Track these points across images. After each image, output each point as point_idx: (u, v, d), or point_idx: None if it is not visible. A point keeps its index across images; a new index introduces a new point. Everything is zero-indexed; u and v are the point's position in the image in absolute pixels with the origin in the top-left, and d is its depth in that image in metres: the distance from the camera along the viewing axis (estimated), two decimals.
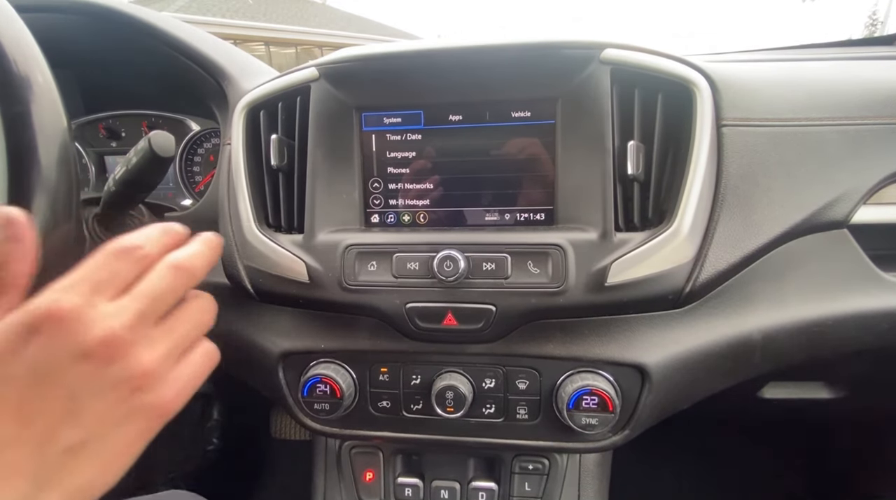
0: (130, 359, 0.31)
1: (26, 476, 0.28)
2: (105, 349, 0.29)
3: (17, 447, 0.28)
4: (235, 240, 0.57)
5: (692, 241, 0.49)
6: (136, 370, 0.31)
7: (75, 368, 0.29)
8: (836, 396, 0.68)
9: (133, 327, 0.31)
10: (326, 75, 0.54)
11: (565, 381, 0.52)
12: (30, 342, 0.28)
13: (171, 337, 0.33)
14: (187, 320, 0.35)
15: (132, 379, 0.31)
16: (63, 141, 0.43)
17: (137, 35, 0.67)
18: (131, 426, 0.32)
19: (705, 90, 0.50)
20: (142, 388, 0.31)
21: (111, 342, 0.30)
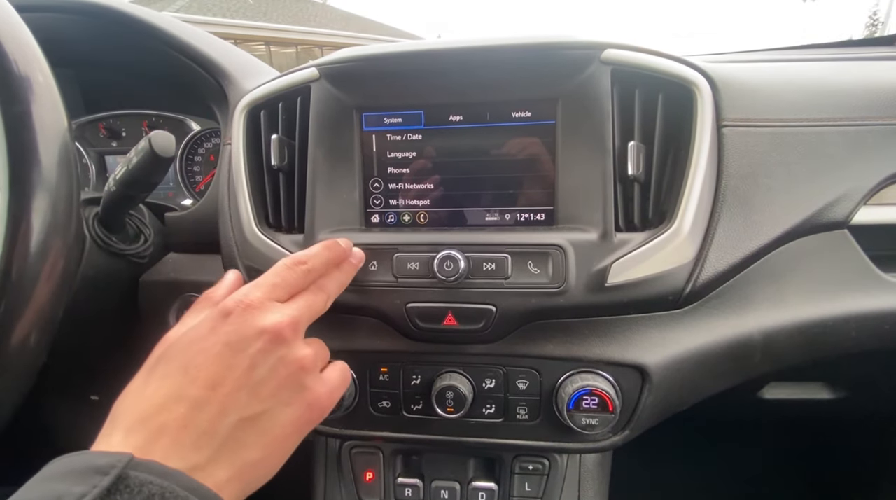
0: (297, 345, 0.38)
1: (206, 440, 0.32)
2: (275, 331, 0.37)
3: (205, 409, 0.33)
4: (236, 240, 0.57)
5: (692, 241, 0.49)
6: (301, 354, 0.38)
7: (255, 342, 0.36)
8: (836, 396, 0.68)
9: (298, 322, 0.39)
10: (327, 75, 0.54)
11: (565, 381, 0.52)
12: (224, 324, 0.36)
13: (318, 344, 0.43)
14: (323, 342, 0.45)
15: (299, 361, 0.38)
16: (64, 141, 0.43)
17: (138, 35, 0.67)
18: (295, 408, 0.37)
19: (706, 91, 0.50)
20: (306, 369, 0.38)
21: (280, 328, 0.37)
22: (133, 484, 0.27)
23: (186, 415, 0.32)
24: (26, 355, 0.37)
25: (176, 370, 0.34)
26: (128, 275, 0.66)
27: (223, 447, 0.33)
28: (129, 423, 0.32)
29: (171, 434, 0.31)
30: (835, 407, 0.70)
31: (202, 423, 0.33)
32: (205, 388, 0.34)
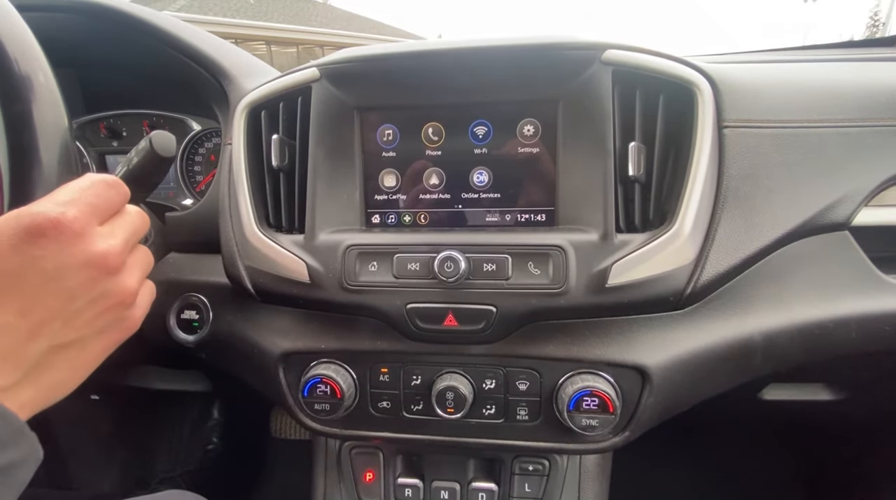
0: (122, 276, 0.36)
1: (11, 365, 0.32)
2: (105, 262, 0.34)
3: (10, 334, 0.31)
4: (236, 240, 0.57)
5: (693, 242, 0.49)
6: (126, 286, 0.37)
7: (80, 273, 0.33)
8: (836, 398, 0.68)
9: (123, 251, 0.36)
10: (328, 75, 0.54)
11: (566, 382, 0.52)
12: (35, 244, 0.32)
13: (140, 268, 0.40)
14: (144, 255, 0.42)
15: (121, 294, 0.36)
16: (64, 140, 0.43)
17: (138, 35, 0.67)
18: (107, 335, 0.37)
19: (707, 91, 0.49)
20: (125, 303, 0.37)
21: (110, 258, 0.35)
22: None
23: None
24: None
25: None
26: None
27: (31, 370, 0.33)
28: None
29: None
30: (835, 408, 0.70)
31: (9, 348, 0.31)
32: (12, 314, 0.31)
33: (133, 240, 0.39)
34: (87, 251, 0.34)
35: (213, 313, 0.63)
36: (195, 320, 0.64)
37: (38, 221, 0.32)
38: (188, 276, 0.66)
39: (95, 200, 0.36)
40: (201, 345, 0.63)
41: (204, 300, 0.64)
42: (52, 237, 0.32)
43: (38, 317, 0.32)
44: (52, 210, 0.33)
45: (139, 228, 0.40)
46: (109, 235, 0.36)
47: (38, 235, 0.32)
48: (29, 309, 0.32)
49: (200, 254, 0.68)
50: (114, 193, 0.38)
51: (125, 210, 0.40)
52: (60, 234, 0.32)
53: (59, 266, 0.33)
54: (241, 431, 1.32)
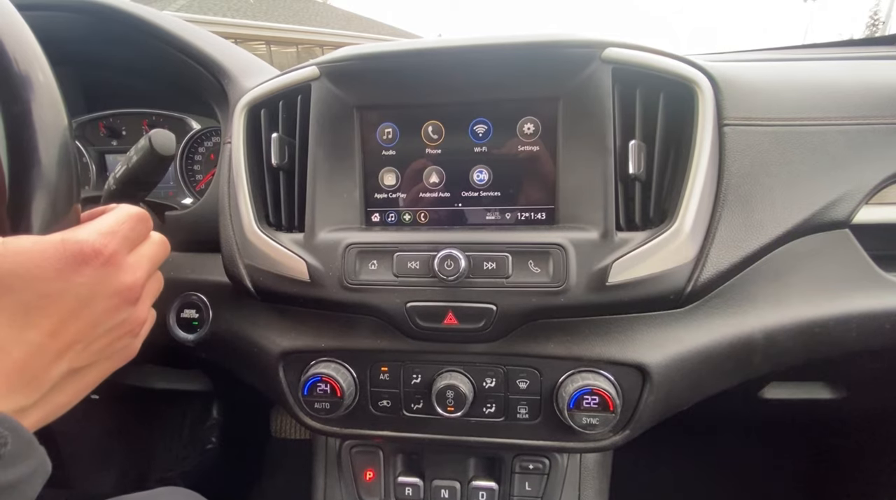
0: (139, 305, 0.38)
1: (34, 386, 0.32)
2: (129, 293, 0.36)
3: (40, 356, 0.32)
4: (236, 239, 0.57)
5: (693, 240, 0.49)
6: (139, 316, 0.38)
7: (108, 301, 0.35)
8: (837, 396, 0.68)
9: (145, 283, 0.38)
10: (327, 74, 0.54)
11: (566, 381, 0.52)
12: (76, 271, 0.33)
13: (151, 297, 0.42)
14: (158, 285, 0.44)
15: (134, 323, 0.38)
16: (64, 140, 0.43)
17: (138, 33, 0.67)
18: (111, 361, 0.38)
19: (707, 90, 0.49)
20: (134, 332, 0.38)
21: (134, 290, 0.37)
22: None
23: (23, 360, 0.31)
24: None
25: (17, 308, 0.31)
26: None
27: (47, 392, 0.33)
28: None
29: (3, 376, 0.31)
30: (835, 406, 0.70)
31: (36, 369, 0.32)
32: (45, 335, 0.32)
33: (153, 270, 0.40)
34: (118, 282, 0.35)
35: (213, 312, 0.63)
36: (195, 319, 0.64)
37: (83, 249, 0.34)
38: (188, 275, 0.66)
39: (130, 233, 0.38)
40: (201, 344, 0.63)
41: (204, 299, 0.64)
42: (93, 266, 0.34)
43: (65, 340, 0.33)
44: (96, 240, 0.35)
45: (160, 258, 0.42)
46: (137, 267, 0.37)
47: (82, 262, 0.33)
48: (59, 332, 0.33)
49: (200, 253, 0.68)
50: (143, 227, 0.40)
51: (150, 239, 0.41)
52: (101, 264, 0.34)
53: (93, 293, 0.34)
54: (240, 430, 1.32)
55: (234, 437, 1.29)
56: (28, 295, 0.31)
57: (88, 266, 0.33)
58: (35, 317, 0.32)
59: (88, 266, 0.33)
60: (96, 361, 0.37)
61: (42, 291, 0.32)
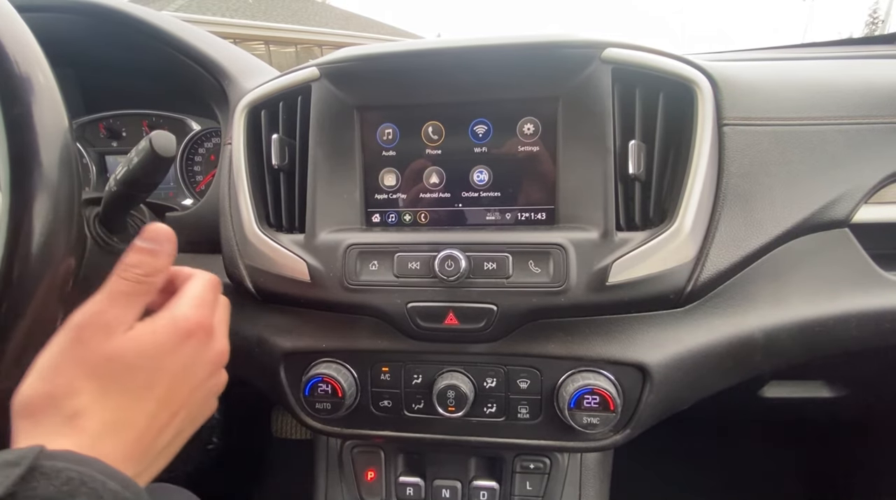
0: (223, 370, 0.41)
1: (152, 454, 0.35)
2: (220, 357, 0.40)
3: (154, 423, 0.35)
4: (237, 239, 0.57)
5: (693, 240, 0.49)
6: (222, 379, 0.41)
7: (204, 368, 0.38)
8: (836, 395, 0.68)
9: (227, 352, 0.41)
10: (327, 75, 0.54)
11: (566, 380, 0.52)
12: (184, 346, 0.37)
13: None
14: None
15: (221, 384, 0.41)
16: (64, 142, 0.43)
17: (138, 34, 0.67)
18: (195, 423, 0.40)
19: (706, 89, 0.50)
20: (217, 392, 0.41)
21: (224, 353, 0.40)
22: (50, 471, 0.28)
23: (142, 430, 0.34)
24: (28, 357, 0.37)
25: (140, 387, 0.35)
26: None
27: (158, 454, 0.36)
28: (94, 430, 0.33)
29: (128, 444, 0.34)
30: (835, 405, 0.70)
31: (151, 437, 0.35)
32: (160, 405, 0.35)
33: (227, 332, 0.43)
34: (213, 349, 0.39)
35: None
36: None
37: (191, 325, 0.37)
38: None
39: (213, 299, 0.41)
40: None
41: None
42: (196, 337, 0.37)
43: (174, 407, 0.36)
44: (199, 315, 0.38)
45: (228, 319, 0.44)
46: (221, 333, 0.41)
47: (189, 335, 0.37)
48: (169, 399, 0.36)
49: (201, 254, 0.68)
50: (218, 291, 0.43)
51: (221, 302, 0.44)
52: (203, 334, 0.38)
53: (195, 362, 0.37)
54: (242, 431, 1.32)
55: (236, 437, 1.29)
56: (150, 371, 0.35)
57: (193, 338, 0.37)
58: (155, 391, 0.35)
59: (193, 338, 0.37)
60: (191, 423, 0.39)
61: (159, 365, 0.36)
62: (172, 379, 0.36)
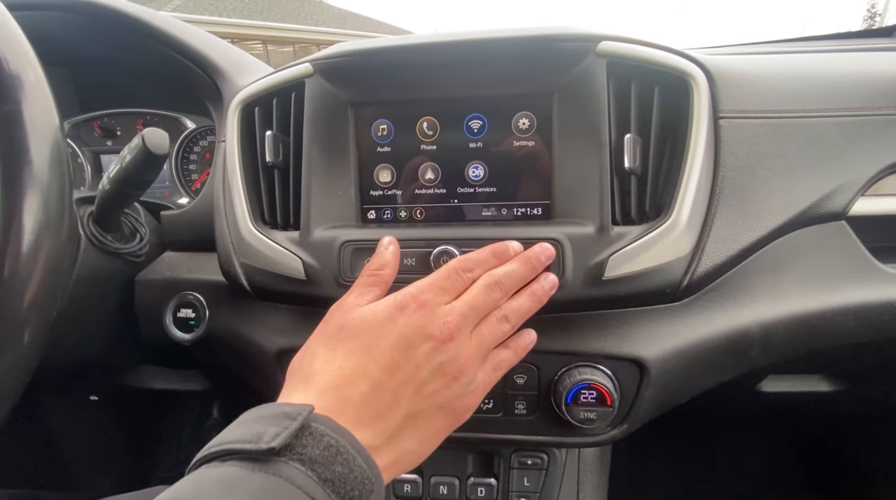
0: (455, 351, 0.39)
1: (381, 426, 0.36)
2: (441, 335, 0.39)
3: (382, 393, 0.36)
4: (231, 237, 0.57)
5: (690, 234, 0.48)
6: (458, 362, 0.39)
7: (423, 344, 0.38)
8: (835, 389, 0.68)
9: (459, 326, 0.40)
10: (321, 71, 0.54)
11: (563, 375, 0.52)
12: (400, 316, 0.39)
13: (479, 342, 0.42)
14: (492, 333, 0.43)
15: (455, 368, 0.39)
16: (56, 140, 0.43)
17: (131, 32, 0.67)
18: (446, 412, 0.40)
19: (702, 82, 0.49)
20: (459, 378, 0.40)
21: (446, 332, 0.39)
22: (315, 433, 0.31)
23: (369, 393, 0.36)
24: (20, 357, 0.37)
25: (360, 348, 0.38)
26: (123, 274, 0.65)
27: (391, 435, 0.36)
28: (321, 386, 0.36)
29: (354, 407, 0.35)
30: (834, 399, 0.70)
31: (380, 405, 0.36)
32: (384, 371, 0.37)
33: (475, 316, 0.41)
34: (432, 325, 0.39)
35: (210, 311, 0.63)
36: (191, 319, 0.63)
37: (405, 297, 0.40)
38: (184, 274, 0.65)
39: (444, 282, 0.42)
40: (198, 343, 0.63)
41: (200, 298, 0.64)
42: (411, 308, 0.39)
43: (399, 379, 0.37)
44: (415, 290, 0.41)
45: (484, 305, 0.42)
46: (449, 312, 0.40)
47: (404, 306, 0.40)
48: (392, 369, 0.37)
49: (196, 252, 0.68)
50: (461, 277, 0.43)
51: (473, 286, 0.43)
52: (417, 307, 0.39)
53: (414, 333, 0.38)
54: None
55: None
56: (370, 336, 0.38)
57: (408, 308, 0.39)
58: (374, 354, 0.37)
59: (408, 308, 0.39)
60: (429, 407, 0.39)
61: (379, 332, 0.38)
62: (391, 346, 0.38)
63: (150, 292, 0.66)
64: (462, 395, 0.41)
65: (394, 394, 0.37)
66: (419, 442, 0.39)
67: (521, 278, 0.45)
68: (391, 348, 0.38)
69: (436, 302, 0.40)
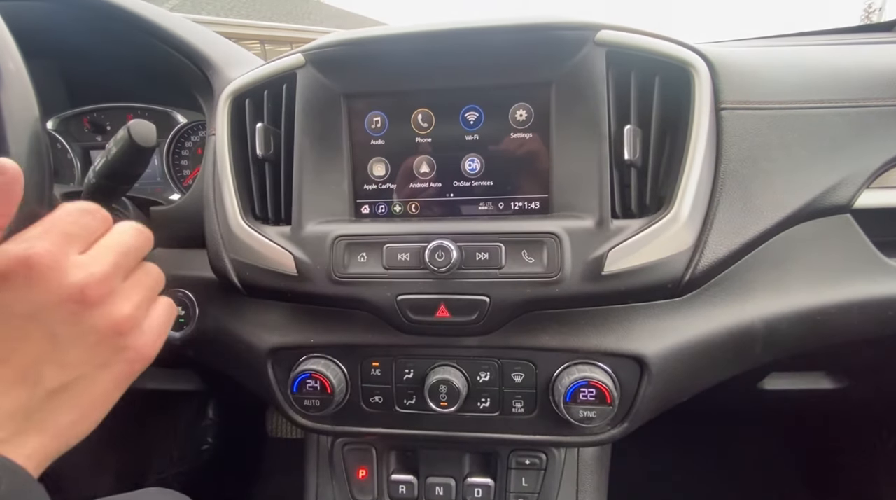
0: (110, 304, 0.33)
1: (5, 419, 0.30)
2: (84, 294, 0.32)
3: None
4: (221, 232, 0.55)
5: (691, 227, 0.47)
6: (116, 315, 0.33)
7: (56, 311, 0.31)
8: (837, 386, 0.67)
9: (108, 276, 0.33)
10: (313, 61, 0.52)
11: (562, 373, 0.51)
12: (3, 289, 0.30)
13: (140, 289, 0.36)
14: (148, 275, 0.38)
15: (113, 323, 0.33)
16: (34, 131, 0.41)
17: (120, 24, 0.65)
18: (114, 368, 0.34)
19: (704, 73, 0.48)
20: (123, 332, 0.34)
21: (91, 287, 0.32)
22: None
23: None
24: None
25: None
26: None
27: (30, 419, 0.31)
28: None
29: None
30: (836, 397, 0.69)
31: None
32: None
33: (126, 261, 0.36)
34: (64, 285, 0.31)
35: (200, 308, 0.62)
36: (181, 317, 0.62)
37: (2, 263, 0.30)
38: (173, 271, 0.64)
39: (71, 228, 0.33)
40: (188, 342, 0.62)
41: (190, 296, 0.62)
42: (22, 277, 0.30)
43: (21, 363, 0.31)
44: (18, 249, 0.31)
45: (134, 248, 0.37)
46: (90, 263, 0.33)
47: (5, 278, 0.30)
48: (7, 357, 0.31)
49: (187, 249, 0.67)
50: (91, 218, 0.35)
51: (112, 230, 0.37)
52: (30, 271, 0.30)
53: (35, 307, 0.31)
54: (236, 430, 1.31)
55: (230, 437, 1.28)
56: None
57: (15, 279, 0.30)
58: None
59: (15, 279, 0.30)
60: (84, 373, 0.33)
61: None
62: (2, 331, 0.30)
63: None
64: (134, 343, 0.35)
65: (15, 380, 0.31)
66: (81, 410, 0.33)
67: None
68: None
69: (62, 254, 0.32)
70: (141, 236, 0.38)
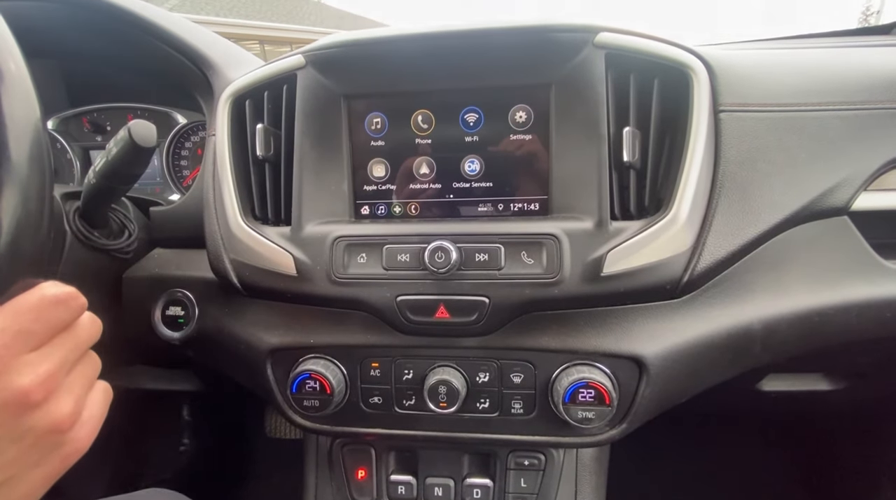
0: (53, 403, 0.31)
1: None
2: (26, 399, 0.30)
3: None
4: (221, 233, 0.55)
5: (690, 229, 0.47)
6: (57, 415, 0.31)
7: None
8: (835, 387, 0.68)
9: (54, 376, 0.31)
10: (313, 62, 0.52)
11: (561, 374, 0.51)
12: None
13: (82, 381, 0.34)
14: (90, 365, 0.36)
15: (54, 423, 0.31)
16: (36, 134, 0.41)
17: (121, 24, 0.65)
18: (46, 466, 0.32)
19: (702, 75, 0.48)
20: (63, 430, 0.32)
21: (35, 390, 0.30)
22: None
23: None
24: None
25: None
26: (111, 271, 0.64)
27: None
28: None
29: None
30: (834, 398, 0.69)
31: None
32: None
33: (74, 356, 0.34)
34: (7, 389, 0.29)
35: (199, 308, 0.62)
36: (181, 317, 0.62)
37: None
38: (173, 271, 0.64)
39: (32, 325, 0.31)
40: (187, 342, 0.62)
41: (189, 296, 0.62)
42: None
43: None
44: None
45: (84, 341, 0.35)
46: (39, 361, 0.31)
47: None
48: None
49: (186, 249, 0.67)
50: (63, 309, 0.33)
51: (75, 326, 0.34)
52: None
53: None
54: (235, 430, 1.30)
55: (229, 437, 1.28)
56: None
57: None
58: None
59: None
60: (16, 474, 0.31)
61: None
62: None
63: (138, 290, 0.64)
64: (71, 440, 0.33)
65: None
66: None
67: None
68: None
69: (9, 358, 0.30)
70: (93, 328, 0.36)
